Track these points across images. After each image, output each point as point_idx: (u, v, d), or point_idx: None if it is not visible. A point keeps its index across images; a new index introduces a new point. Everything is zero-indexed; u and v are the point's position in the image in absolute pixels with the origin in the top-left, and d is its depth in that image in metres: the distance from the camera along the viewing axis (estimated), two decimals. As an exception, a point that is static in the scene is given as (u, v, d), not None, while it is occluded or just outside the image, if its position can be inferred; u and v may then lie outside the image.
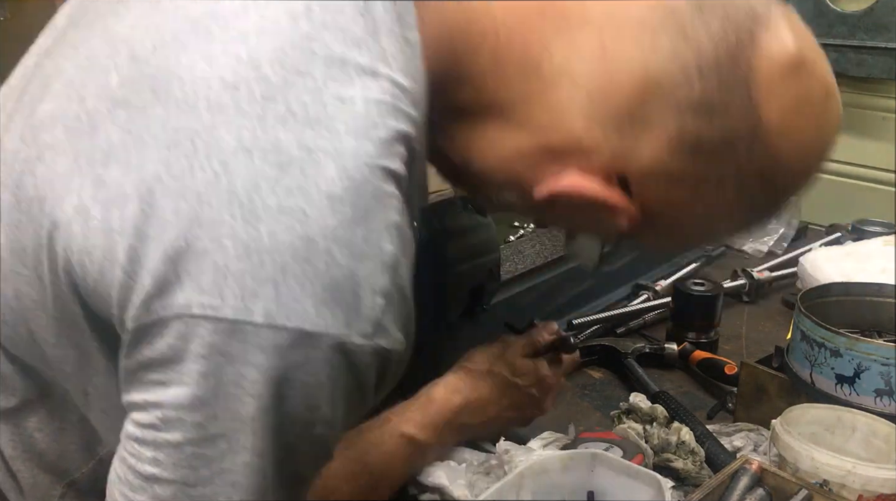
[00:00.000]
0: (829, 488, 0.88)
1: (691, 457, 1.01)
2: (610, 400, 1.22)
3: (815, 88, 0.67)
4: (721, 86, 0.61)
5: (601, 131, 0.63)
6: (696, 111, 0.61)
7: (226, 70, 0.53)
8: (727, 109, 0.62)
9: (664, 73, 0.61)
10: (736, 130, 0.62)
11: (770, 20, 0.63)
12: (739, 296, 1.59)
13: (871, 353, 0.99)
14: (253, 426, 0.52)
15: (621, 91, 0.62)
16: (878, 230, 1.76)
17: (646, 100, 0.61)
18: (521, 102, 0.64)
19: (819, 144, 0.68)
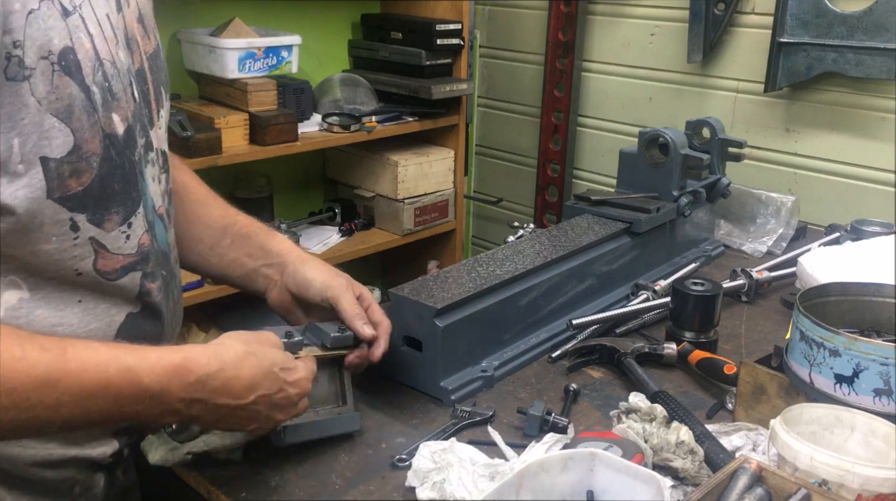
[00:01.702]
0: (828, 487, 0.88)
1: (690, 457, 1.01)
2: (609, 400, 1.22)
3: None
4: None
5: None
6: None
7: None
8: None
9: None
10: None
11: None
12: (738, 296, 1.60)
13: (869, 353, 0.99)
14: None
15: None
16: (877, 230, 1.76)
17: None
18: None
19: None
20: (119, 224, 0.91)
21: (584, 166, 3.04)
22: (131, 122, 0.92)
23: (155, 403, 0.84)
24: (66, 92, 0.83)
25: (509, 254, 1.42)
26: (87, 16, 0.86)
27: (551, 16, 2.89)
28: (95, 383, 0.80)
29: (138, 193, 0.94)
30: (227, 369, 0.90)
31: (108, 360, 0.81)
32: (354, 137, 2.61)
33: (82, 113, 0.84)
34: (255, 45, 2.39)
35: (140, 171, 0.95)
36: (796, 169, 2.45)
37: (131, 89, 0.93)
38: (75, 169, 0.85)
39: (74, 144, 0.84)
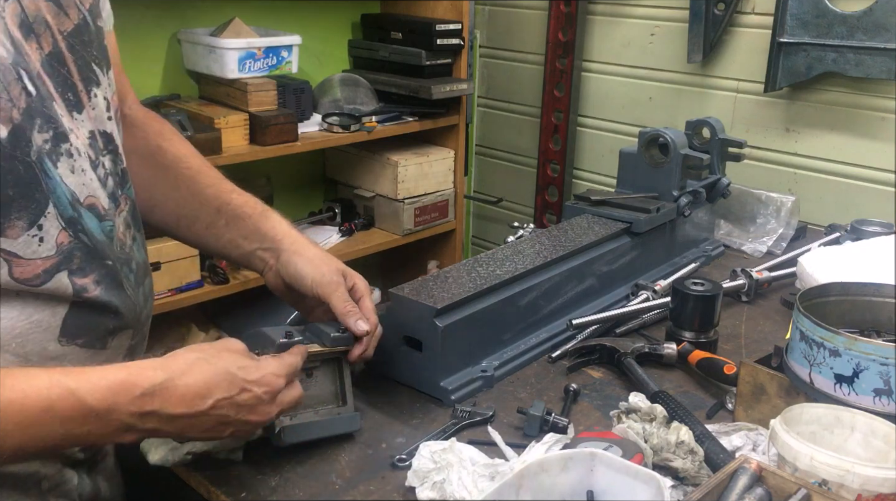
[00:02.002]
0: (828, 487, 0.88)
1: (690, 457, 1.01)
2: (609, 400, 1.22)
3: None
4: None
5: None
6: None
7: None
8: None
9: None
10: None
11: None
12: (738, 296, 1.60)
13: (869, 353, 0.99)
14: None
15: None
16: (877, 230, 1.76)
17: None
18: None
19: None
20: (26, 229, 0.85)
21: (584, 166, 3.04)
22: (20, 121, 0.85)
23: (103, 422, 0.81)
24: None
25: (509, 254, 1.42)
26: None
27: (551, 16, 2.89)
28: (38, 409, 0.78)
29: (43, 193, 0.87)
30: (174, 377, 0.86)
31: (49, 386, 0.79)
32: (354, 137, 2.61)
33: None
34: (255, 45, 2.39)
35: (43, 169, 0.87)
36: (796, 169, 2.45)
37: (20, 84, 0.86)
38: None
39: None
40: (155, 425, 0.85)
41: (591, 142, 2.99)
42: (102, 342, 0.95)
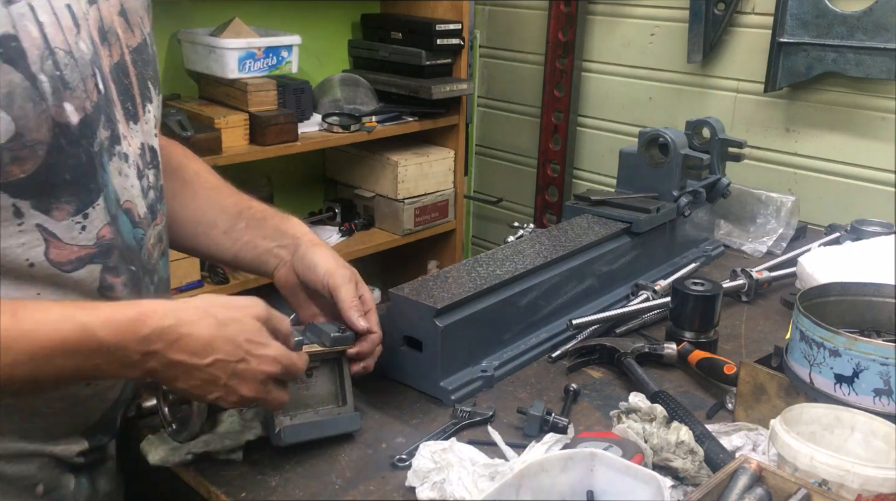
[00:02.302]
0: (828, 487, 0.88)
1: (690, 457, 1.01)
2: (609, 400, 1.22)
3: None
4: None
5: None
6: None
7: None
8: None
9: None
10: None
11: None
12: (738, 296, 1.60)
13: (869, 353, 0.99)
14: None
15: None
16: (877, 230, 1.76)
17: None
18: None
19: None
20: (72, 214, 0.90)
21: (584, 166, 3.04)
22: (90, 112, 0.91)
23: (112, 357, 0.84)
24: (7, 79, 0.82)
25: (509, 254, 1.42)
26: (39, 4, 0.85)
27: (551, 16, 2.89)
28: (51, 341, 0.80)
29: (97, 184, 0.92)
30: (182, 325, 0.88)
31: (62, 319, 0.82)
32: (354, 137, 2.61)
33: (25, 101, 0.84)
34: (255, 45, 2.39)
35: (101, 163, 0.93)
36: (796, 169, 2.45)
37: (94, 80, 0.91)
38: (16, 156, 0.84)
39: (16, 132, 0.83)
40: (154, 365, 0.87)
41: (591, 142, 2.99)
42: None
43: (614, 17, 2.81)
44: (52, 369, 0.81)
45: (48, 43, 0.86)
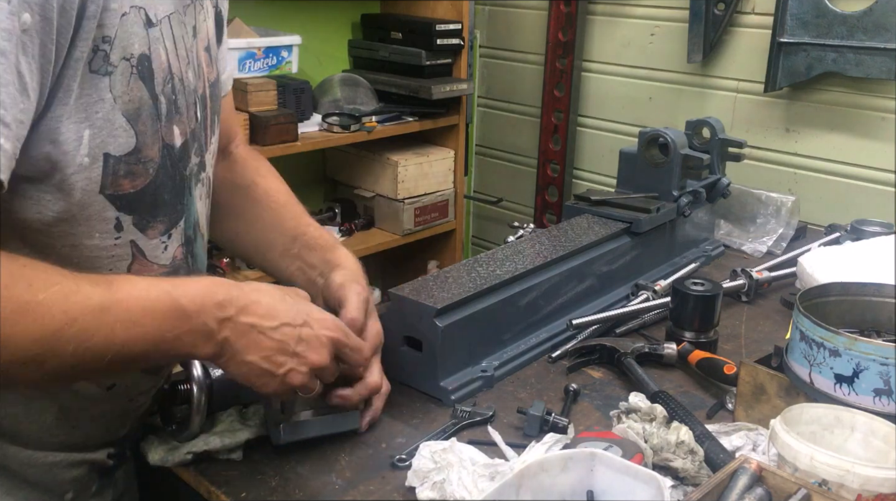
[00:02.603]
0: (828, 487, 0.88)
1: (690, 457, 1.01)
2: (609, 400, 1.22)
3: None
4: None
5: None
6: None
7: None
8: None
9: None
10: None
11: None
12: (738, 296, 1.60)
13: (869, 353, 0.99)
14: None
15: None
16: (877, 230, 1.76)
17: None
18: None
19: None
20: (161, 233, 0.94)
21: (584, 166, 3.04)
22: (189, 138, 0.96)
23: (192, 325, 0.85)
24: (138, 95, 0.86)
25: (509, 254, 1.42)
26: (166, 32, 0.90)
27: (551, 16, 2.89)
28: (141, 308, 0.82)
29: (183, 206, 0.97)
30: (248, 294, 0.91)
31: (148, 287, 0.84)
32: (354, 137, 2.61)
33: (148, 118, 0.88)
34: (255, 45, 2.39)
35: (189, 186, 0.98)
36: (796, 169, 2.45)
37: (195, 108, 0.98)
38: (131, 170, 0.88)
39: (136, 147, 0.87)
40: (228, 335, 0.88)
41: (591, 142, 2.99)
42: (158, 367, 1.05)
43: (614, 17, 2.81)
44: (139, 339, 0.82)
45: (170, 68, 0.91)
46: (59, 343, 0.75)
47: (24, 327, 0.73)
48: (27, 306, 0.74)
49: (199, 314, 0.86)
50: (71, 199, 0.84)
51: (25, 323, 0.73)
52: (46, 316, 0.75)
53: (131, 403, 1.02)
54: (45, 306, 0.75)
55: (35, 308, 0.74)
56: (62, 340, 0.75)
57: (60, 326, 0.75)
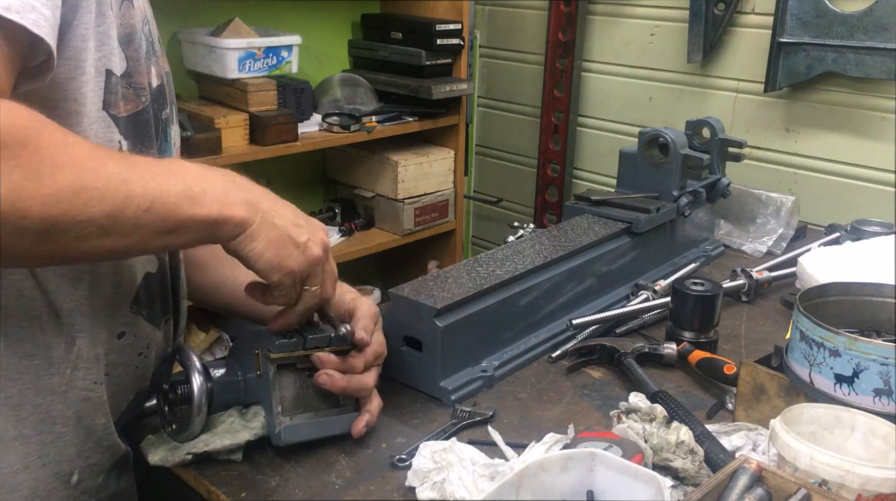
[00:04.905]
0: (828, 487, 0.88)
1: (690, 457, 1.01)
2: (609, 400, 1.22)
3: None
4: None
5: None
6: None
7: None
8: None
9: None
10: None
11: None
12: (738, 296, 1.60)
13: (869, 353, 0.99)
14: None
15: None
16: (877, 230, 1.76)
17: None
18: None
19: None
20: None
21: (584, 166, 3.04)
22: (161, 84, 1.00)
23: (233, 179, 0.87)
24: (130, 22, 0.91)
25: (509, 254, 1.42)
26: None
27: (551, 16, 2.89)
28: (164, 168, 0.82)
29: (165, 146, 1.01)
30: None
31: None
32: (354, 137, 2.61)
33: (136, 48, 0.92)
34: (255, 45, 2.39)
35: (166, 131, 1.02)
36: (796, 169, 2.45)
37: (163, 60, 1.02)
38: (125, 94, 0.91)
39: (127, 71, 0.91)
40: (259, 197, 0.89)
41: (591, 142, 2.99)
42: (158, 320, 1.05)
43: (614, 17, 2.81)
44: (168, 202, 0.80)
45: (145, 11, 0.97)
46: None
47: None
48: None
49: (235, 176, 0.88)
50: (83, 110, 0.86)
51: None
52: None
53: (139, 357, 1.02)
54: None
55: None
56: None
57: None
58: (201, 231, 0.84)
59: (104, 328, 0.96)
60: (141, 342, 1.02)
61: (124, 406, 1.04)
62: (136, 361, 1.03)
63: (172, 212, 0.81)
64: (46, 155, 0.72)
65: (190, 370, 1.02)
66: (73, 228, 0.73)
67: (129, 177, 0.77)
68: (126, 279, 0.98)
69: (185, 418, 1.02)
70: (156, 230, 0.80)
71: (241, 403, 1.09)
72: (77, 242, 0.75)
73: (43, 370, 0.91)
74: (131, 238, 0.79)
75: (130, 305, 0.99)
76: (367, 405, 1.10)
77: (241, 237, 0.88)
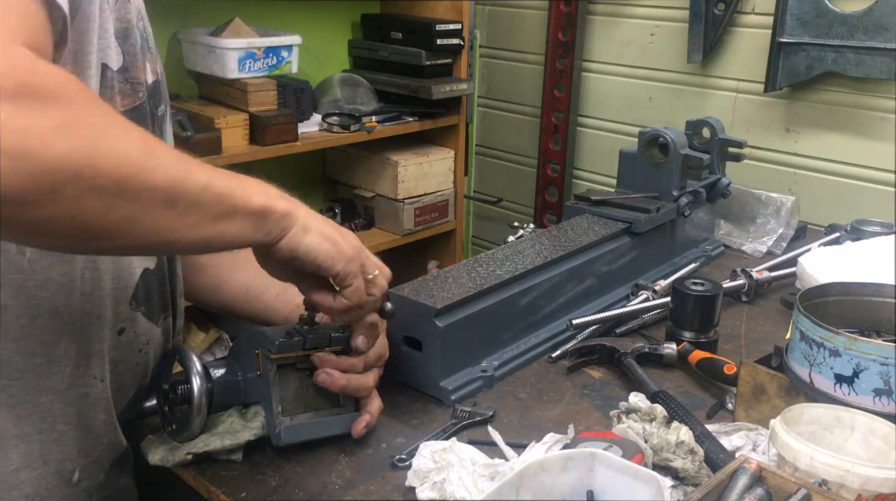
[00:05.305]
0: (828, 487, 0.88)
1: (690, 457, 1.01)
2: (609, 400, 1.22)
3: None
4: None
5: None
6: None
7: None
8: None
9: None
10: None
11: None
12: (738, 296, 1.60)
13: (869, 353, 0.99)
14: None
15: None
16: (877, 230, 1.76)
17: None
18: None
19: None
20: None
21: (584, 166, 3.04)
22: (157, 80, 1.00)
23: (273, 189, 0.87)
24: (126, 17, 0.91)
25: (509, 254, 1.42)
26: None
27: (551, 16, 2.89)
28: (201, 162, 0.80)
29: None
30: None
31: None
32: (354, 137, 2.61)
33: (133, 43, 0.92)
34: (255, 45, 2.39)
35: (162, 128, 1.02)
36: (796, 169, 2.45)
37: (157, 56, 1.02)
38: (121, 89, 0.91)
39: (123, 65, 0.90)
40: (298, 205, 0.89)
41: (591, 142, 2.99)
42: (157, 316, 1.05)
43: (614, 17, 2.81)
44: (223, 177, 0.80)
45: (139, 9, 0.97)
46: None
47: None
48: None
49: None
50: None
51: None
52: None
53: (139, 354, 1.02)
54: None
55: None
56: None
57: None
58: (250, 221, 0.83)
59: (104, 324, 0.96)
60: (140, 339, 1.03)
61: (125, 403, 1.04)
62: (137, 357, 1.03)
63: (226, 195, 0.80)
64: (114, 117, 0.72)
65: (190, 370, 1.02)
66: (143, 191, 0.71)
67: (181, 154, 0.77)
68: (125, 275, 0.98)
69: (185, 418, 1.02)
70: (212, 213, 0.78)
71: (241, 403, 1.09)
72: (145, 210, 0.72)
73: (44, 369, 0.91)
74: (190, 217, 0.77)
75: (129, 301, 0.99)
76: (368, 406, 1.10)
77: (294, 231, 0.87)
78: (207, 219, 0.78)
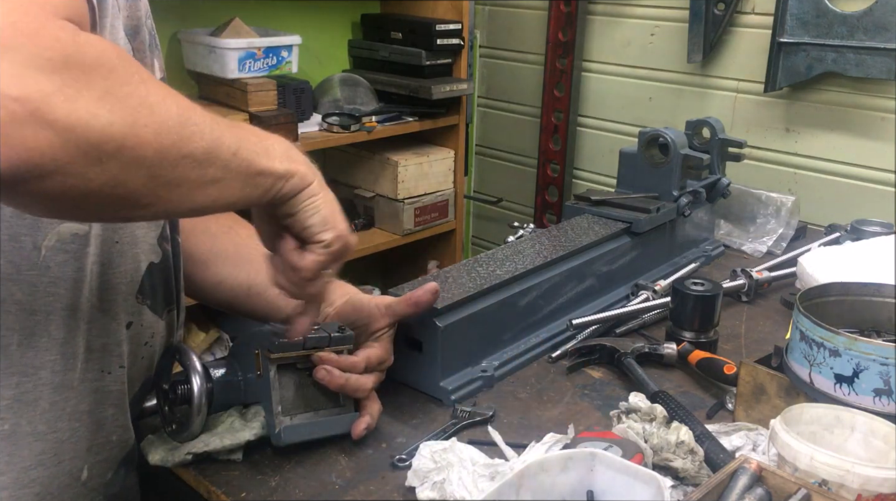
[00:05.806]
0: (828, 487, 0.88)
1: (690, 457, 1.01)
2: (609, 400, 1.22)
3: None
4: None
5: None
6: None
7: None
8: None
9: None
10: None
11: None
12: (738, 296, 1.60)
13: (869, 353, 0.99)
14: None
15: None
16: (877, 230, 1.76)
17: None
18: None
19: None
20: None
21: (584, 166, 3.04)
22: (163, 76, 0.99)
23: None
24: (136, 14, 0.91)
25: (509, 254, 1.42)
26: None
27: (551, 16, 2.89)
28: (229, 122, 0.81)
29: None
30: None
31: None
32: (354, 137, 2.61)
33: (142, 41, 0.91)
34: (255, 45, 2.39)
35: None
36: (796, 169, 2.45)
37: (162, 56, 1.02)
38: None
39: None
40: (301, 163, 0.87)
41: (591, 142, 2.99)
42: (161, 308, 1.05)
43: (614, 17, 2.81)
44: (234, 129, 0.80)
45: (147, 8, 0.97)
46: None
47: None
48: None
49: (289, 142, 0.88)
50: None
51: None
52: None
53: (145, 347, 1.03)
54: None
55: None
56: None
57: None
58: (272, 183, 0.84)
59: (114, 318, 0.97)
60: (146, 332, 1.03)
61: (133, 397, 1.04)
62: (143, 351, 1.03)
63: (254, 159, 0.81)
64: (153, 85, 0.73)
65: (190, 370, 1.02)
66: (181, 159, 0.73)
67: (213, 117, 0.78)
68: (132, 269, 0.99)
69: (185, 418, 1.02)
70: (242, 176, 0.80)
71: (241, 403, 1.09)
72: (181, 177, 0.74)
73: (59, 366, 0.91)
74: (222, 183, 0.78)
75: (136, 294, 1.00)
76: (368, 408, 1.10)
77: (304, 192, 0.87)
78: (238, 182, 0.80)
